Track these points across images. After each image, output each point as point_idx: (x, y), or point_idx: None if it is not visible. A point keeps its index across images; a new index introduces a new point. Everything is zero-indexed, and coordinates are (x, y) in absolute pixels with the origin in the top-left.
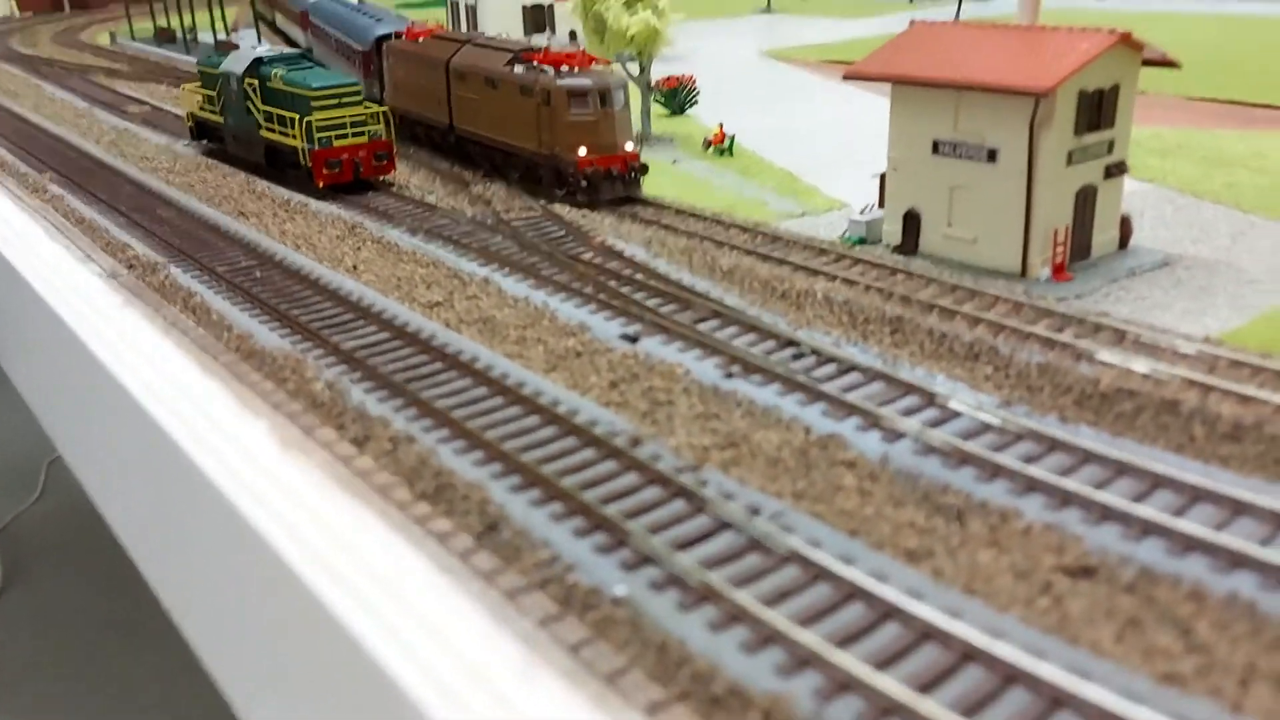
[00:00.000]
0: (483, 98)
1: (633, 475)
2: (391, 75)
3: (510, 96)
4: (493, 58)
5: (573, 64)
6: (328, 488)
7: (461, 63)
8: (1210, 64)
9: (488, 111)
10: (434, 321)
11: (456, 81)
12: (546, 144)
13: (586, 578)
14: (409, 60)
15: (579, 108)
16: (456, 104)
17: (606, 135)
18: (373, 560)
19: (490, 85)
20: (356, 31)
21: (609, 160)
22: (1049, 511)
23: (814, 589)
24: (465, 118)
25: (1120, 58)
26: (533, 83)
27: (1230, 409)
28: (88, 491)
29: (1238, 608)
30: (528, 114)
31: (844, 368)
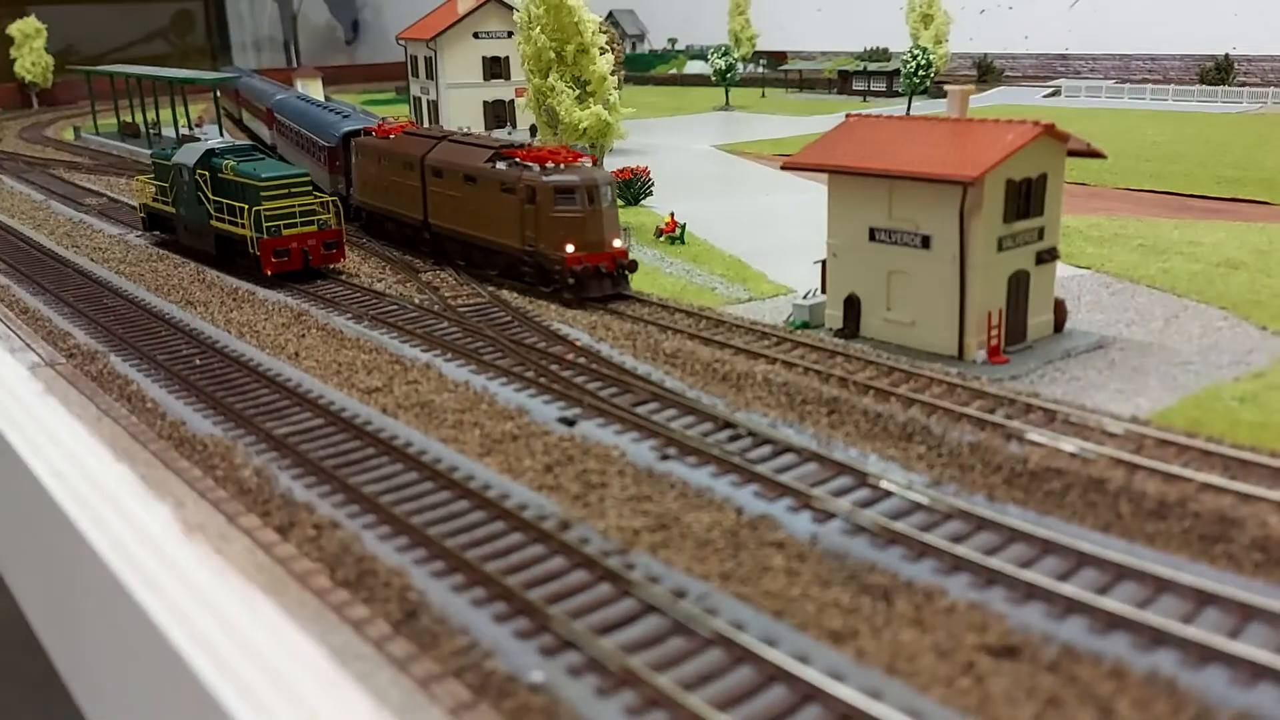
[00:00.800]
0: (462, 194)
1: (559, 559)
2: (360, 171)
3: (491, 193)
4: (471, 154)
5: (557, 160)
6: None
7: (437, 159)
8: (1147, 157)
9: (467, 208)
10: (371, 407)
11: (432, 178)
12: (531, 241)
13: (504, 664)
14: (379, 156)
15: (565, 204)
16: (432, 200)
17: (594, 232)
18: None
19: (469, 182)
20: (322, 127)
21: (597, 257)
22: (974, 590)
23: (736, 672)
24: (442, 214)
25: (1046, 148)
26: (516, 179)
27: (1156, 487)
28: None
29: (1158, 685)
30: (511, 211)
31: (779, 448)
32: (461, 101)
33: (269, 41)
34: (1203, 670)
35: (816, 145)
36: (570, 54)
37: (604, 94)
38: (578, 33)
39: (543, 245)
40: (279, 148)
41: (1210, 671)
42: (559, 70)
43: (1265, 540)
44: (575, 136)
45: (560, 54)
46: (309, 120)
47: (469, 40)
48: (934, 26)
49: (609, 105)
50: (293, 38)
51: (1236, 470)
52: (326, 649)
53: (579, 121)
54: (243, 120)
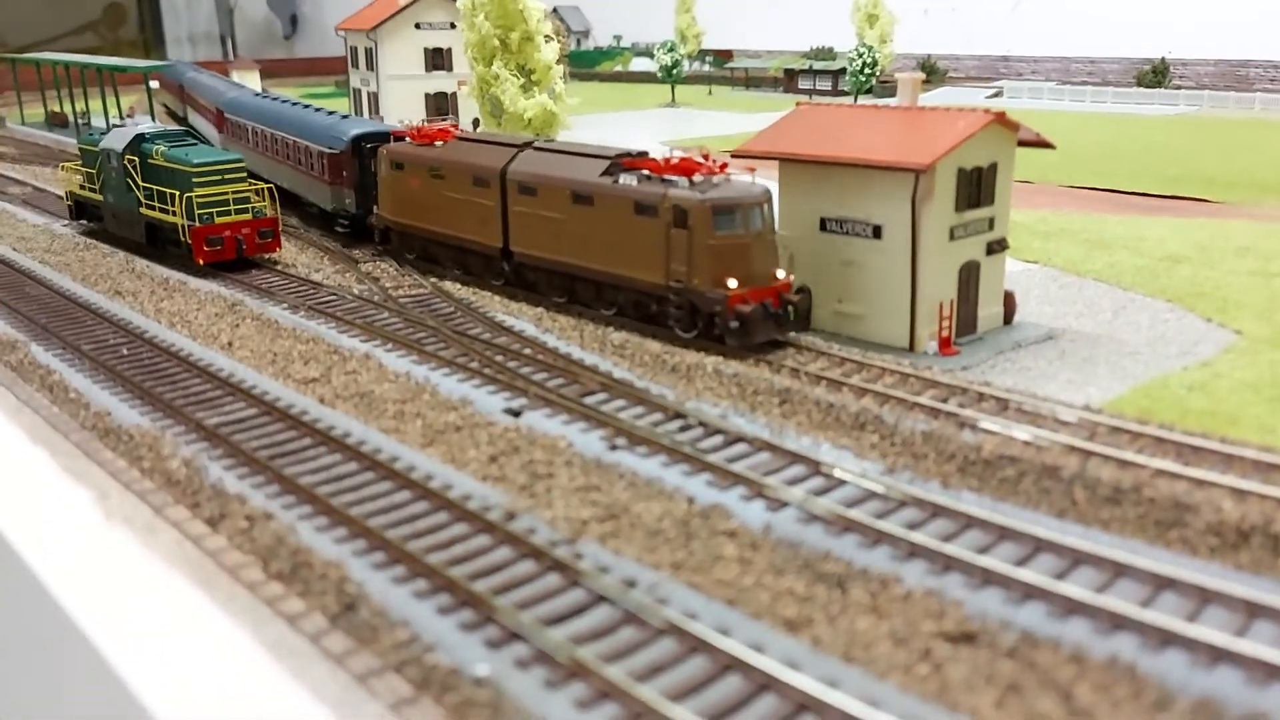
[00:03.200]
0: (569, 217)
1: (506, 549)
2: (391, 186)
3: (617, 216)
4: (577, 166)
5: (704, 172)
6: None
7: (527, 173)
8: (1090, 156)
9: (576, 234)
10: (308, 397)
11: (519, 196)
12: (680, 275)
13: (447, 657)
14: (424, 168)
15: (726, 228)
16: (517, 224)
17: (760, 262)
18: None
19: (582, 202)
20: (319, 131)
21: (762, 293)
22: (930, 577)
23: (690, 662)
24: (533, 241)
25: (997, 137)
26: (658, 198)
27: (1110, 473)
28: None
29: (1118, 670)
30: (648, 238)
31: (731, 438)
32: (403, 93)
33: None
34: (1162, 654)
35: (766, 133)
36: (515, 42)
37: (549, 83)
38: (522, 20)
39: (697, 280)
40: None
41: (1169, 655)
42: (503, 58)
43: (1219, 525)
44: (520, 126)
45: (504, 42)
46: (293, 123)
47: (410, 31)
48: (879, 26)
49: (554, 95)
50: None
51: (1189, 457)
52: (259, 644)
53: (524, 111)
54: (187, 119)
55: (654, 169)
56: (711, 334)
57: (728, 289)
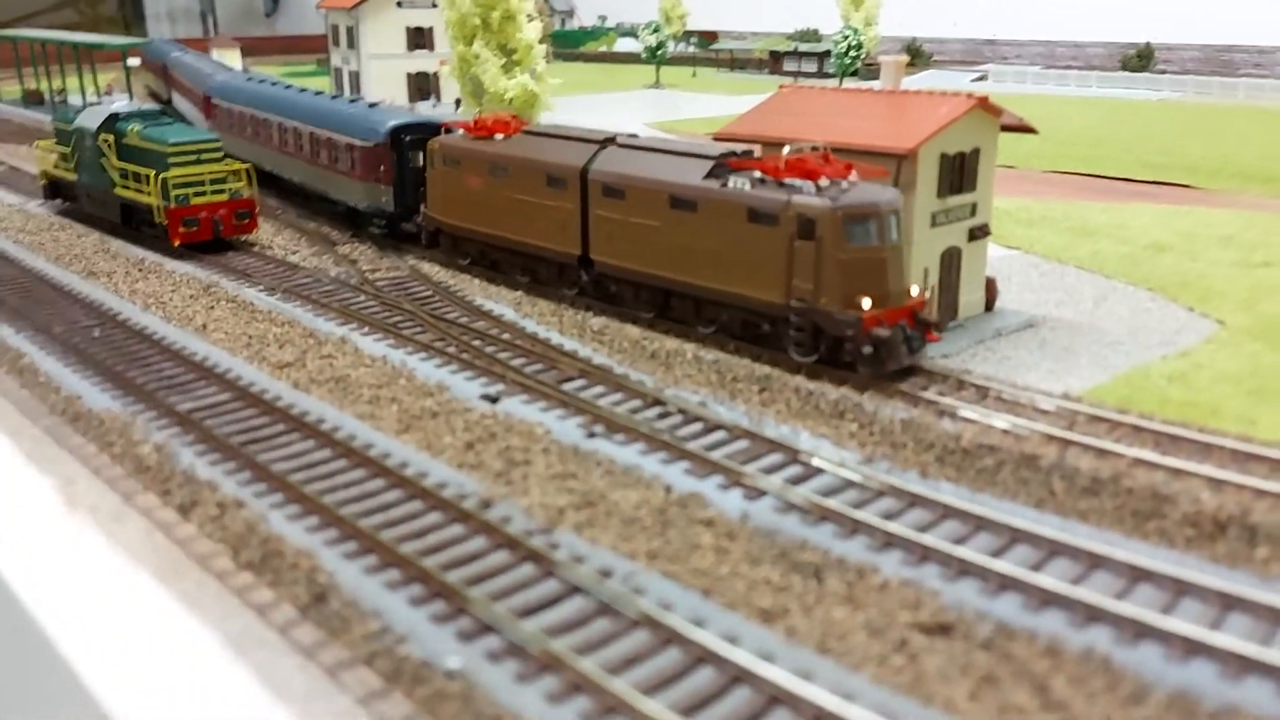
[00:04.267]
0: (665, 224)
1: (480, 539)
2: (444, 183)
3: (723, 224)
4: (675, 166)
5: (828, 174)
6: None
7: (613, 173)
8: (1074, 141)
9: (673, 243)
10: (282, 381)
11: (602, 199)
12: (805, 294)
13: (419, 649)
14: (486, 165)
15: (860, 240)
16: (600, 230)
17: (895, 278)
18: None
19: (681, 207)
20: (348, 122)
21: (897, 313)
22: (907, 567)
23: (664, 654)
24: (618, 250)
25: (980, 122)
26: (779, 205)
27: (1089, 463)
28: None
29: (1094, 662)
30: (764, 250)
31: (709, 426)
32: (384, 73)
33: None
34: (1137, 647)
35: (750, 116)
36: (496, 21)
37: (531, 63)
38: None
39: (824, 300)
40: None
41: (1145, 648)
42: (484, 37)
43: (1197, 516)
44: (500, 106)
45: (485, 21)
46: (313, 113)
47: (392, 10)
48: (865, 8)
49: (536, 75)
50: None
51: (1168, 447)
52: (224, 636)
53: (505, 91)
54: (171, 102)
55: (768, 171)
56: (838, 359)
57: (861, 310)
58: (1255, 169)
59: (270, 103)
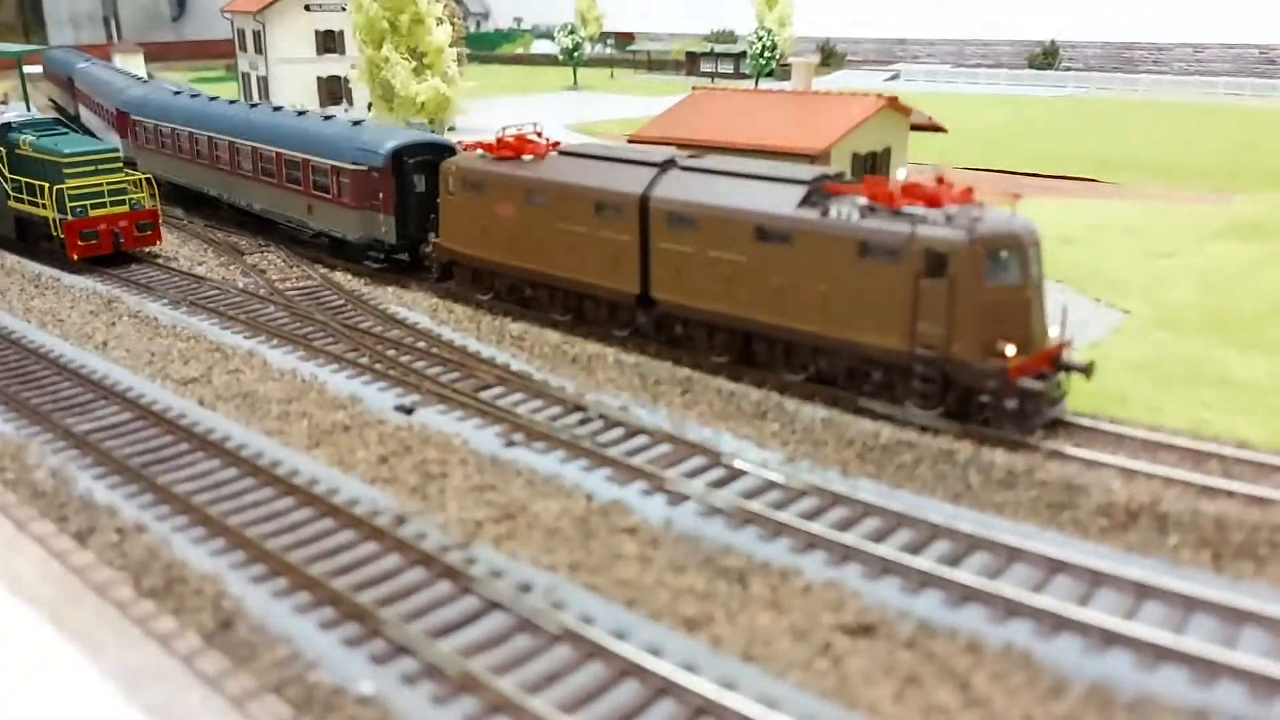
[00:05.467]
0: (748, 258)
1: (394, 557)
2: (465, 212)
3: (827, 259)
4: (758, 192)
5: (953, 200)
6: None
7: (678, 199)
8: (984, 138)
9: (758, 280)
10: (187, 399)
11: (667, 230)
12: (932, 340)
13: (330, 675)
14: (516, 190)
15: (1001, 277)
16: (664, 265)
17: (1039, 319)
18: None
19: (771, 240)
20: (336, 143)
21: (1038, 360)
22: (829, 568)
23: (586, 669)
24: (688, 287)
25: (890, 121)
26: (901, 238)
27: (1003, 457)
28: None
29: (1014, 657)
30: (880, 289)
31: (631, 431)
32: (293, 77)
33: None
34: (1056, 640)
35: (663, 119)
36: (405, 24)
37: (442, 67)
38: (412, 2)
39: (959, 346)
40: (140, 163)
41: (1063, 640)
42: (393, 41)
43: (1109, 506)
44: (413, 111)
45: (394, 24)
46: (285, 133)
47: (300, 13)
48: (778, 10)
49: (447, 79)
50: (114, 13)
51: (1080, 438)
52: (124, 669)
53: (416, 95)
54: (79, 118)
55: (878, 197)
56: (970, 414)
57: (1005, 358)
58: (1156, 161)
59: (217, 121)
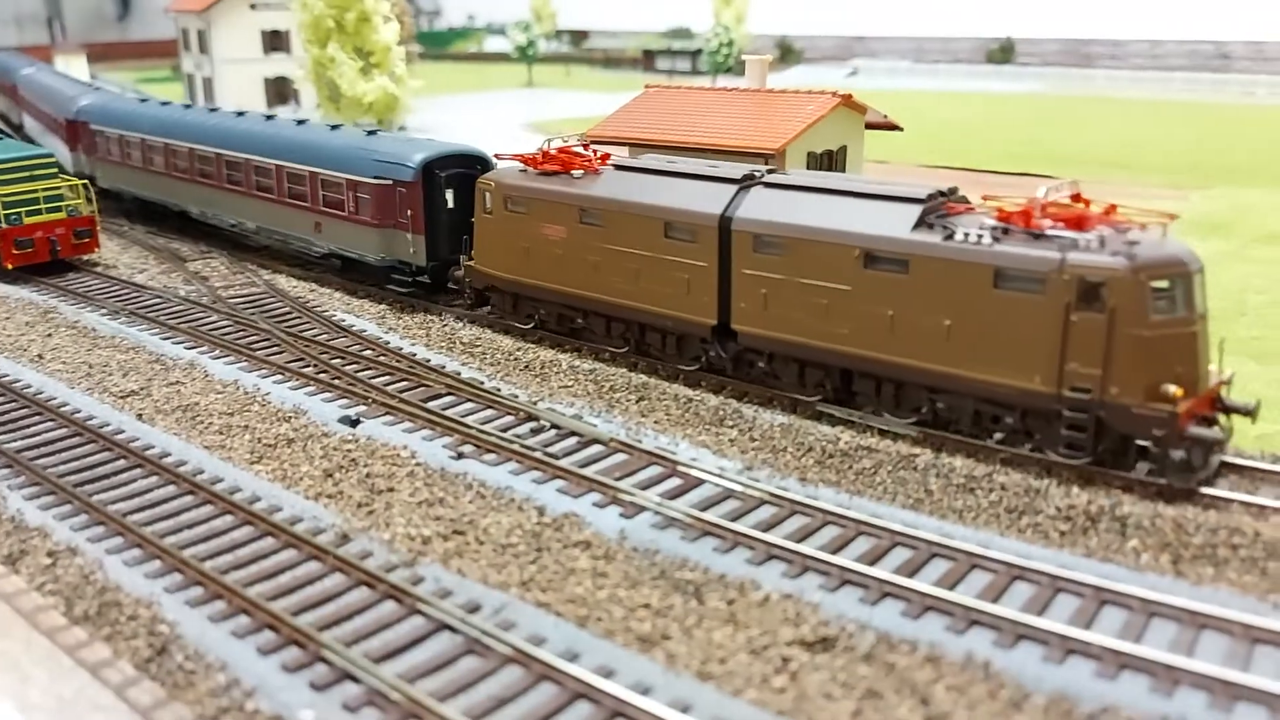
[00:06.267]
0: (854, 287)
1: (337, 577)
2: (506, 231)
3: (953, 287)
4: (863, 212)
5: (1097, 223)
6: None
7: (766, 221)
8: (942, 134)
9: (868, 311)
10: (125, 413)
11: (750, 255)
12: (1084, 381)
13: (269, 703)
14: (568, 209)
15: (1165, 308)
16: (747, 293)
17: (1203, 358)
18: None
19: (881, 265)
20: (344, 154)
21: (1201, 403)
22: (787, 580)
23: (536, 691)
24: (778, 318)
25: (846, 119)
26: (1049, 264)
27: (962, 461)
28: None
29: (974, 668)
30: (1021, 322)
31: (585, 440)
32: (239, 78)
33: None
34: (1015, 649)
35: (616, 117)
36: (351, 23)
37: (389, 66)
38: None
39: (1117, 389)
40: (100, 178)
41: (1023, 649)
42: (339, 40)
43: (1069, 509)
44: (360, 111)
45: (340, 23)
46: (285, 144)
47: (245, 12)
48: (734, 6)
49: (395, 78)
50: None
51: None
52: (55, 701)
53: (363, 95)
54: (23, 128)
55: (1011, 218)
56: (1127, 463)
57: (1172, 402)
58: (1114, 157)
59: (198, 131)
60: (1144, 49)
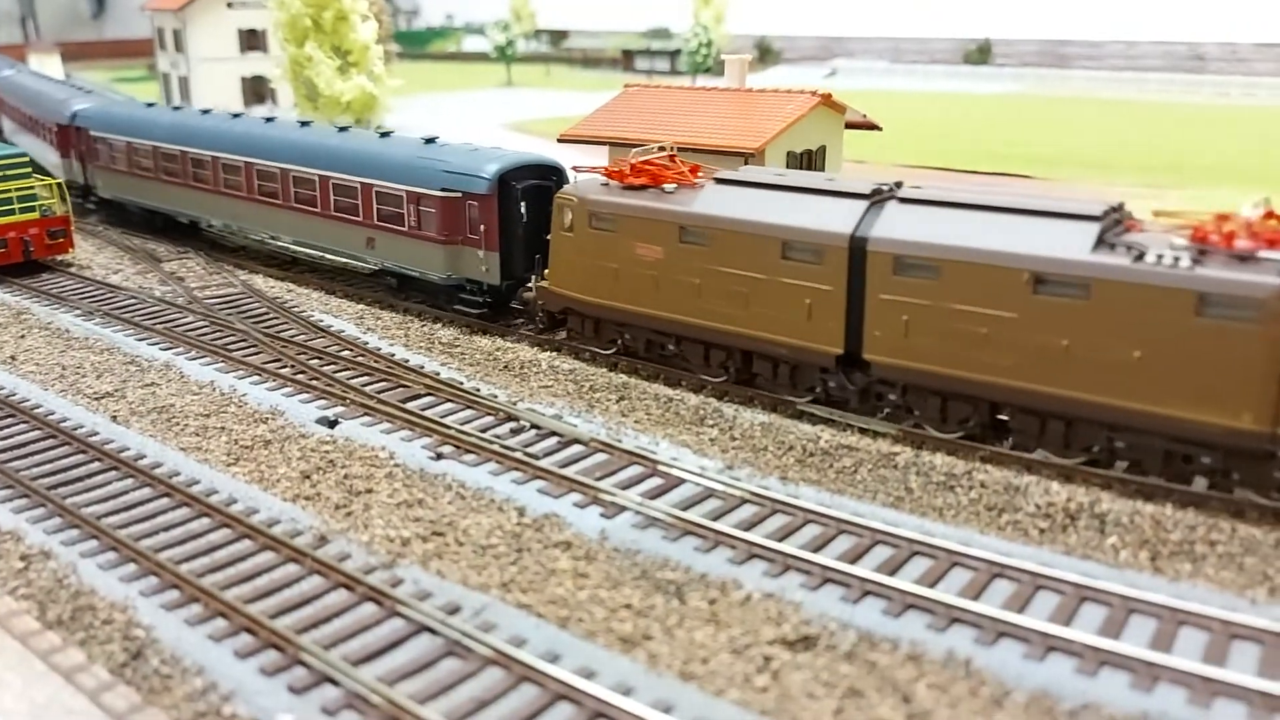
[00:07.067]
0: (1022, 314)
1: (315, 580)
2: (590, 250)
3: (1144, 315)
4: (1027, 231)
5: None
6: None
7: (907, 241)
8: (925, 134)
9: (1036, 340)
10: (100, 415)
11: (891, 278)
12: None
13: (247, 707)
14: (668, 227)
15: None
16: (883, 320)
17: None
18: None
19: (1055, 290)
20: (404, 164)
21: None
22: (769, 579)
23: (517, 693)
24: (927, 349)
25: (826, 119)
26: (1267, 291)
27: (943, 459)
28: None
29: (955, 666)
30: (1230, 353)
31: (565, 440)
32: (216, 77)
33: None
34: (996, 647)
35: (595, 117)
36: (328, 21)
37: (367, 65)
38: None
39: None
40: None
41: (1004, 647)
42: (316, 39)
43: (1049, 506)
44: (338, 110)
45: (317, 21)
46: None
47: (222, 10)
48: (714, 6)
49: (374, 77)
50: (30, 12)
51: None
52: (27, 707)
53: (341, 95)
54: (2, 133)
55: (1203, 238)
56: None
57: None
58: (1092, 157)
59: (223, 140)
60: (1120, 50)
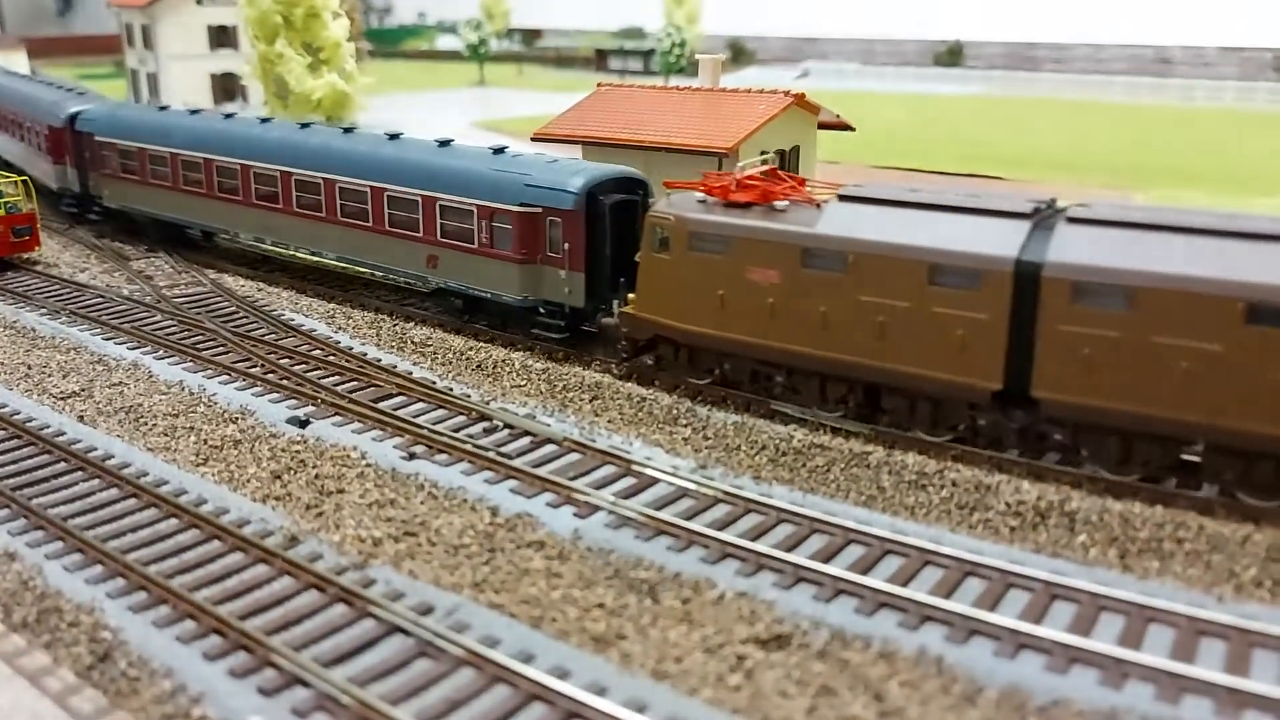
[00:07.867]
0: (1229, 347)
1: (285, 581)
2: (687, 275)
3: None
4: (1245, 256)
5: None
6: None
7: (1096, 265)
8: (896, 135)
9: (1247, 379)
10: (66, 415)
11: (1072, 309)
12: None
13: (216, 709)
14: (788, 250)
15: None
16: (1063, 355)
17: None
18: None
19: (1273, 322)
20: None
21: None
22: (741, 578)
23: (490, 693)
24: (1111, 386)
25: (798, 119)
26: None
27: (914, 458)
28: None
29: (927, 663)
30: None
31: (538, 440)
32: (185, 74)
33: None
34: (968, 644)
35: (568, 116)
36: (299, 18)
37: (339, 62)
38: None
39: None
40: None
41: (975, 645)
42: (287, 36)
43: (1019, 505)
44: (308, 108)
45: (288, 18)
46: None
47: (191, 7)
48: (686, 6)
49: (345, 75)
50: None
51: None
52: None
53: (312, 92)
54: None
55: None
56: None
57: None
58: (1059, 158)
59: (257, 147)
60: (1087, 53)
